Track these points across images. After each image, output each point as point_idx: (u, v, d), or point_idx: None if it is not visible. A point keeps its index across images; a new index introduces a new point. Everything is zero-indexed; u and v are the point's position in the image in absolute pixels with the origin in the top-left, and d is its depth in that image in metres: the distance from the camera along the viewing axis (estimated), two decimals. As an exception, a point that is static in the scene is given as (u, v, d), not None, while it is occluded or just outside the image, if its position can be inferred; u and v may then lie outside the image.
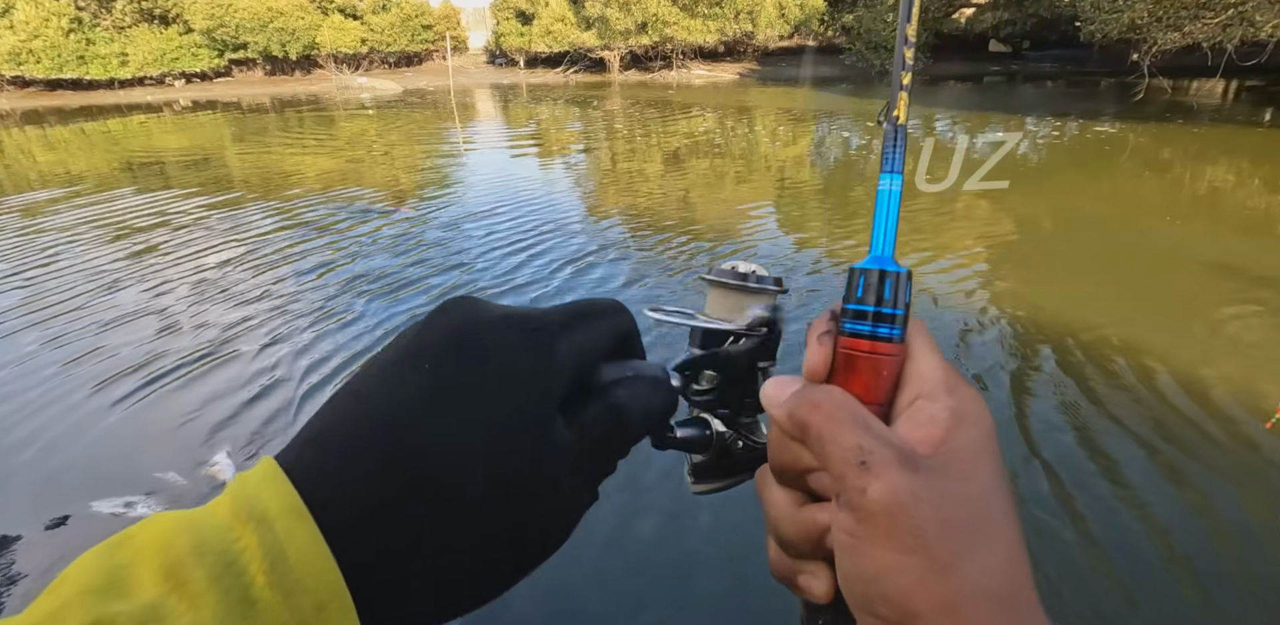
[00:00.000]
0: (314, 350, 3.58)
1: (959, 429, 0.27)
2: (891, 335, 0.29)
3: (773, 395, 0.30)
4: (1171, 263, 4.76)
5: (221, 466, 2.57)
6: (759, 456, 0.39)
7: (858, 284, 0.31)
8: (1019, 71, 22.86)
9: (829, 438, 0.27)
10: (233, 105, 19.63)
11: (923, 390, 0.28)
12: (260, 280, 4.69)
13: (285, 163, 9.74)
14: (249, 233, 5.93)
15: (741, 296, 0.41)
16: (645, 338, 0.36)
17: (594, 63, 26.67)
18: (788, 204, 6.78)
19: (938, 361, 0.29)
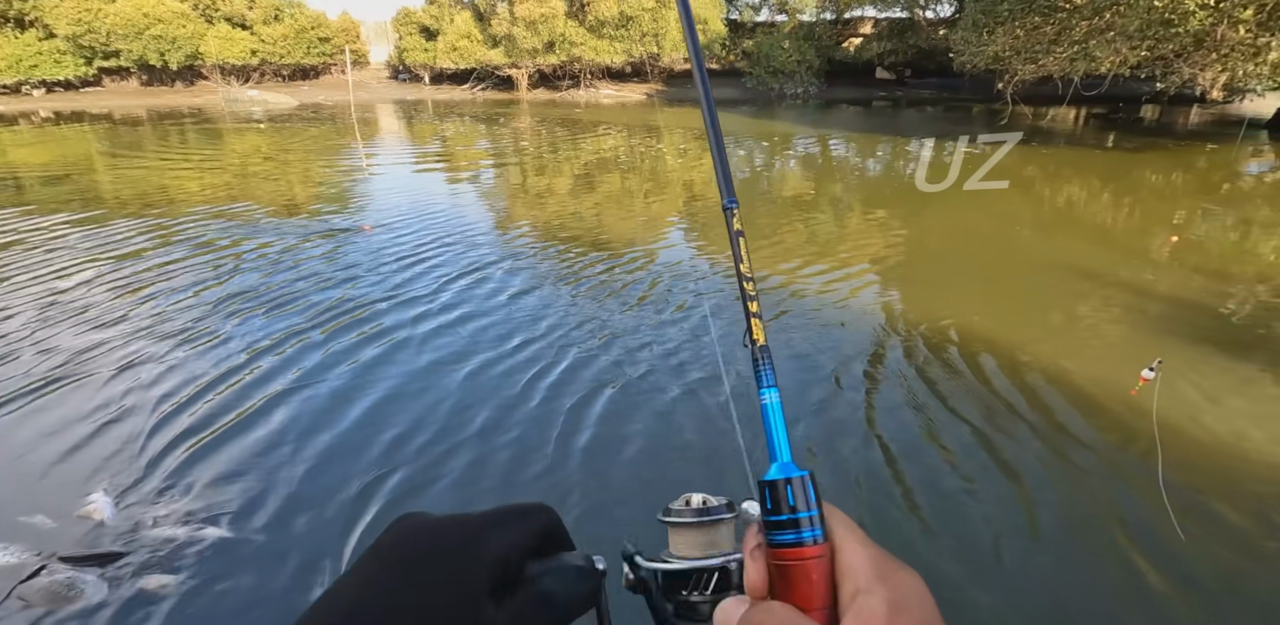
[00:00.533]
0: (185, 375, 3.33)
1: (898, 618, 0.28)
2: (815, 538, 0.31)
3: (726, 616, 0.32)
4: (1035, 267, 5.27)
5: (98, 505, 2.34)
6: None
7: (767, 497, 0.33)
8: (903, 97, 24.71)
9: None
10: (103, 117, 18.05)
11: (858, 584, 0.30)
12: (148, 301, 4.33)
13: (162, 179, 9.06)
14: (115, 252, 5.46)
15: (707, 531, 0.42)
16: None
17: (502, 80, 26.53)
18: (691, 218, 6.99)
19: (864, 551, 0.31)
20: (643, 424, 2.93)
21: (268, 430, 2.86)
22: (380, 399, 3.13)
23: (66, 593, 2.00)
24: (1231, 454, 2.70)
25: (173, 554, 2.16)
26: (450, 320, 4.07)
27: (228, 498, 2.43)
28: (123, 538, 2.23)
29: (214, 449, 2.73)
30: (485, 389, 3.23)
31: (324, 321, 4.04)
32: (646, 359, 3.53)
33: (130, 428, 2.88)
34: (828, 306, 4.33)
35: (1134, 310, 4.31)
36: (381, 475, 2.56)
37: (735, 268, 0.38)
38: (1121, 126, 15.84)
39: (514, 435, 2.83)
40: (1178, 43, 11.00)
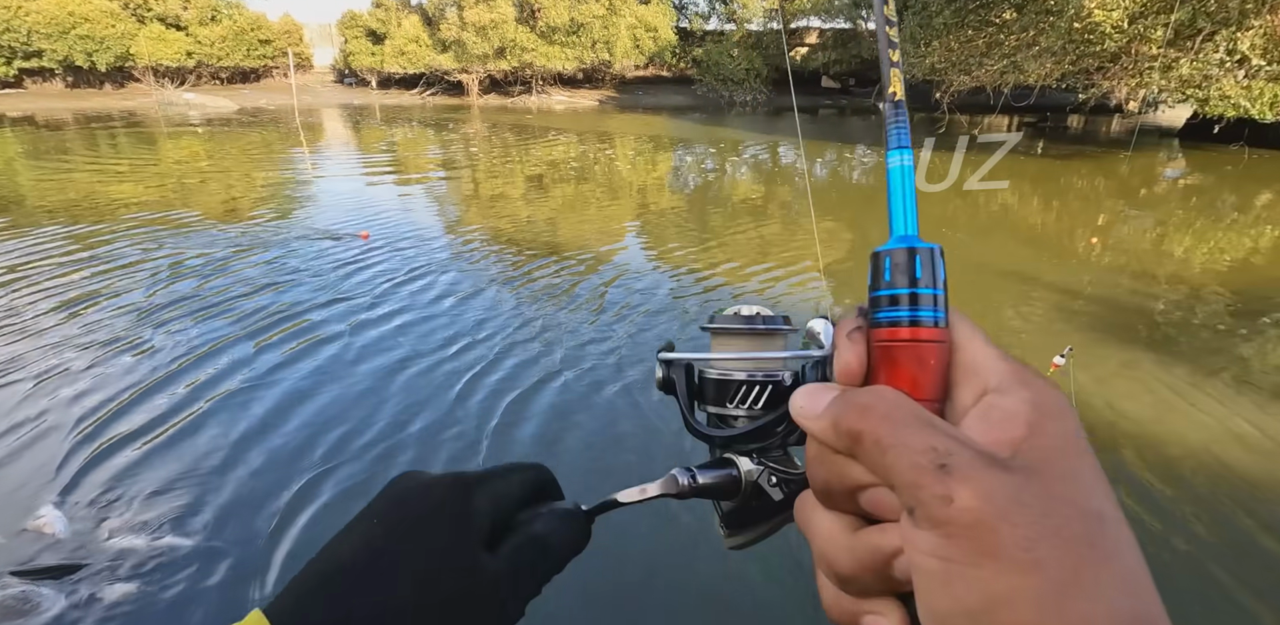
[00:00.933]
0: (127, 382, 3.26)
1: (1044, 424, 0.23)
2: (936, 318, 0.26)
3: (806, 406, 0.26)
4: (971, 270, 5.59)
5: (49, 519, 2.28)
6: (799, 489, 0.34)
7: (884, 267, 0.27)
8: (848, 105, 25.54)
9: (891, 442, 0.22)
10: (23, 120, 17.12)
11: (989, 383, 0.25)
12: (79, 311, 4.17)
13: (88, 186, 8.68)
14: (43, 260, 5.23)
15: (760, 342, 0.37)
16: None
17: (452, 85, 26.27)
18: (646, 222, 7.12)
19: (994, 349, 0.26)
20: (583, 417, 3.00)
21: (217, 435, 2.83)
22: (326, 401, 3.12)
23: (21, 606, 1.95)
24: (1139, 437, 2.96)
25: (131, 563, 2.13)
26: (391, 324, 4.07)
27: (183, 504, 2.40)
28: (78, 550, 2.18)
29: (163, 455, 2.68)
30: (427, 388, 3.25)
31: (263, 327, 3.98)
32: (589, 356, 3.61)
33: (75, 438, 2.80)
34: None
35: (1054, 306, 4.62)
36: (334, 475, 2.57)
37: (877, 9, 0.30)
38: (1050, 135, 16.78)
39: (455, 431, 2.87)
40: (1097, 58, 11.76)
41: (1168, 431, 2.95)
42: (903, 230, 0.28)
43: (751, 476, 0.37)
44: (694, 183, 10.06)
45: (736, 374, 0.37)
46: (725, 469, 0.37)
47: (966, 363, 0.25)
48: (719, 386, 0.37)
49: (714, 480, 0.37)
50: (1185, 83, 12.24)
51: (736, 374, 0.37)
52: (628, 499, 0.38)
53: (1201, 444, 2.84)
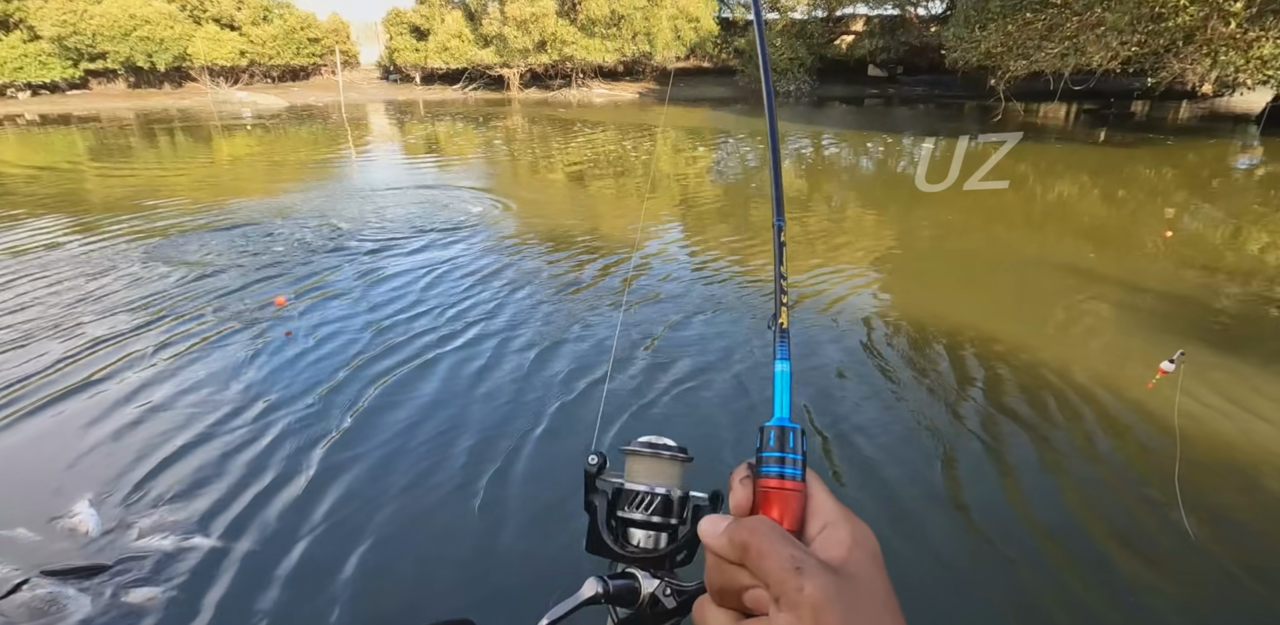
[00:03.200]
0: (167, 383, 3.28)
1: (859, 547, 0.34)
2: (796, 475, 0.38)
3: (711, 527, 0.36)
4: (1027, 266, 5.26)
5: (82, 517, 2.28)
6: (689, 599, 0.44)
7: (768, 438, 0.39)
8: (895, 94, 24.75)
9: (767, 551, 0.33)
10: (90, 120, 17.89)
11: (827, 520, 0.36)
12: (103, 316, 4.26)
13: (152, 181, 8.96)
14: (96, 257, 5.38)
15: (662, 464, 0.49)
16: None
17: (493, 80, 26.43)
18: (688, 217, 6.95)
19: (833, 499, 0.38)
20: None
21: (251, 437, 2.81)
22: (371, 407, 3.08)
23: (49, 608, 1.94)
24: (1245, 450, 2.69)
25: (159, 565, 2.11)
26: (447, 329, 4.03)
27: (213, 507, 2.38)
28: (107, 550, 2.18)
29: (198, 457, 2.68)
30: (480, 389, 3.18)
31: (306, 327, 3.98)
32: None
33: (114, 437, 2.83)
34: (823, 303, 4.30)
35: (1129, 306, 4.30)
36: (370, 482, 2.52)
37: (775, 269, 0.45)
38: (1112, 122, 15.89)
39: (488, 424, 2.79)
40: (1168, 37, 11.03)
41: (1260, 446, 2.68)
42: (781, 413, 0.40)
43: (649, 588, 0.45)
44: (736, 174, 9.83)
45: (640, 487, 0.48)
46: (629, 580, 0.45)
47: (815, 506, 0.37)
48: (628, 495, 0.49)
49: (622, 590, 0.45)
50: (1266, 63, 11.39)
51: (640, 487, 0.48)
52: (552, 617, 0.44)
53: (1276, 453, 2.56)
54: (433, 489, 2.49)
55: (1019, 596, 2.03)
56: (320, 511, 2.36)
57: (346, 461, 2.64)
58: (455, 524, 2.32)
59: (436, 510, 2.38)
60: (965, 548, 2.22)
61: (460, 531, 2.28)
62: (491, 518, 2.34)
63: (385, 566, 2.12)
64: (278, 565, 2.12)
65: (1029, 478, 2.57)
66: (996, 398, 3.15)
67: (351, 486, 2.50)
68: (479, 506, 2.40)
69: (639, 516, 0.48)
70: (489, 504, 2.41)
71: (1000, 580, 2.09)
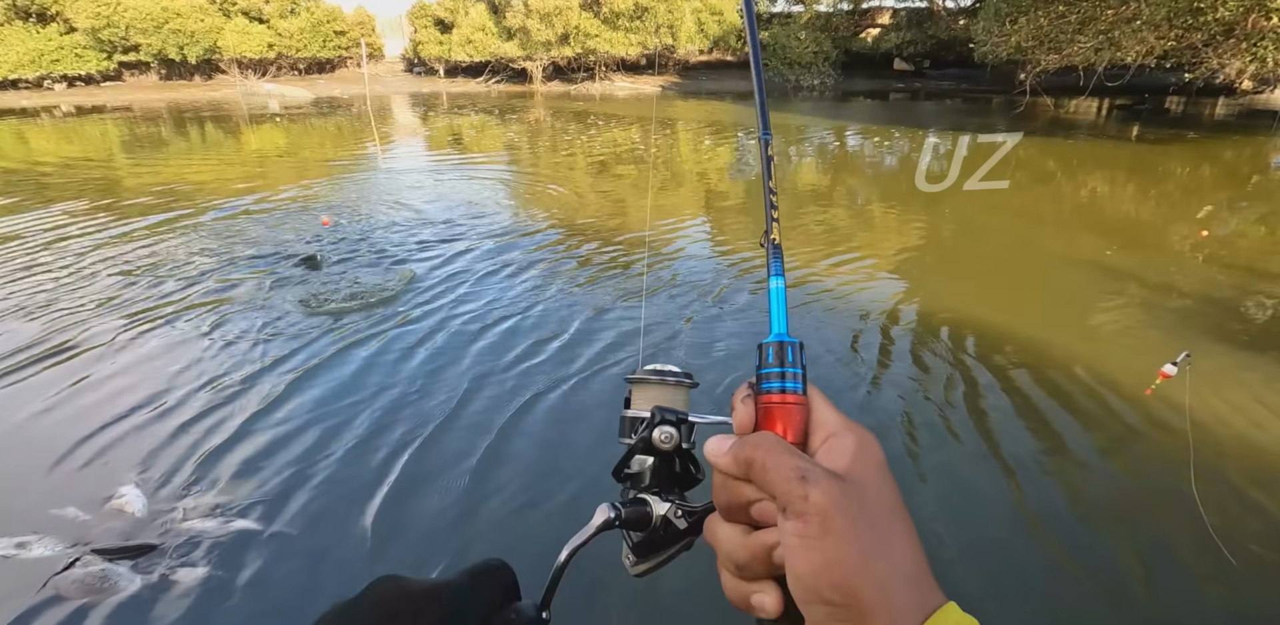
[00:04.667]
0: (209, 367, 3.37)
1: (863, 454, 0.35)
2: (797, 389, 0.38)
3: (715, 447, 0.37)
4: (1057, 265, 5.19)
5: (129, 498, 2.37)
6: (700, 519, 0.45)
7: (767, 354, 0.39)
8: (921, 89, 24.37)
9: (772, 465, 0.33)
10: (123, 111, 18.25)
11: (830, 431, 0.37)
12: (151, 293, 4.37)
13: (183, 171, 9.14)
14: (140, 243, 5.52)
15: (654, 389, 0.49)
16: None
17: (516, 73, 26.48)
18: (707, 210, 6.94)
19: (835, 410, 0.38)
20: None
21: (293, 422, 2.89)
22: (407, 389, 3.14)
23: (100, 585, 2.03)
24: (1264, 452, 2.65)
25: (203, 546, 2.19)
26: (468, 305, 4.08)
27: (255, 490, 2.45)
28: (154, 530, 2.26)
29: (241, 441, 2.76)
30: (501, 360, 3.23)
31: (344, 312, 4.06)
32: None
33: (158, 420, 2.92)
34: (847, 298, 4.29)
35: (1160, 307, 4.23)
36: (408, 466, 2.58)
37: (765, 183, 0.45)
38: (1146, 118, 15.52)
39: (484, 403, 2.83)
40: (1206, 32, 10.74)
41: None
42: (778, 329, 0.40)
43: (661, 511, 0.46)
44: (753, 169, 9.77)
45: (639, 413, 0.48)
46: (640, 505, 0.46)
47: (818, 419, 0.37)
48: (629, 423, 0.49)
49: (634, 513, 0.45)
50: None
51: (639, 413, 0.48)
52: (573, 546, 0.45)
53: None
54: (469, 462, 2.55)
55: (1045, 602, 2.03)
56: (361, 498, 2.42)
57: (380, 444, 2.71)
58: (494, 481, 2.37)
59: (479, 483, 2.43)
60: (974, 546, 2.22)
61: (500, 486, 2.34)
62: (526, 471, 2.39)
63: (429, 544, 2.18)
64: (318, 543, 2.18)
65: (1032, 476, 2.56)
66: (1020, 395, 3.13)
67: (392, 475, 2.56)
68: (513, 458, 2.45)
69: (628, 440, 0.48)
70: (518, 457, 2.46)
71: (1015, 581, 2.10)
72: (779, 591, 0.35)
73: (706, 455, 0.37)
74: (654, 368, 0.49)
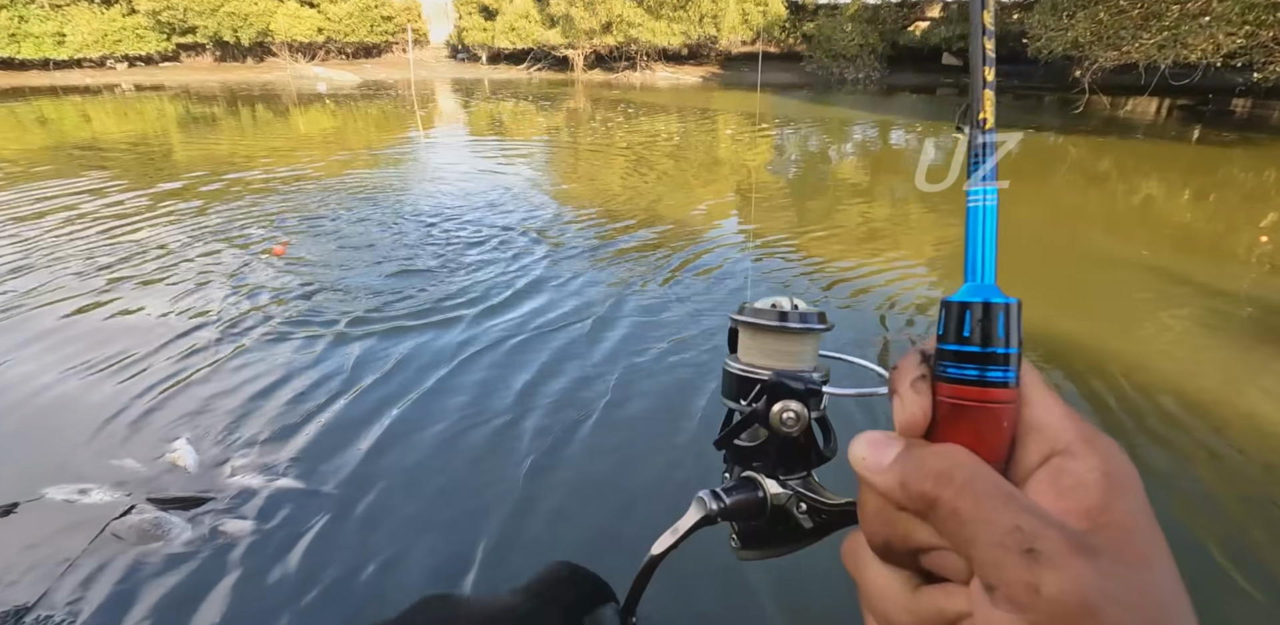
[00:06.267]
0: (266, 332, 3.49)
1: (1117, 498, 0.21)
2: (1006, 380, 0.24)
3: (871, 459, 0.25)
4: (1106, 267, 5.04)
5: (181, 452, 2.48)
6: (831, 521, 0.35)
7: (961, 320, 0.26)
8: (970, 84, 23.69)
9: (972, 517, 0.21)
10: (180, 91, 18.83)
11: (1056, 445, 0.23)
12: (206, 267, 4.54)
13: (235, 151, 9.42)
14: (196, 217, 5.72)
15: (781, 339, 0.36)
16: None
17: (558, 60, 26.54)
18: (746, 204, 6.90)
19: (1063, 408, 0.24)
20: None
21: (350, 391, 2.98)
22: (456, 363, 3.22)
23: (154, 531, 2.14)
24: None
25: (250, 501, 2.29)
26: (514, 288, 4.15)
27: (301, 452, 2.55)
28: (204, 484, 2.37)
29: (294, 404, 2.86)
30: (557, 347, 3.28)
31: (396, 287, 4.16)
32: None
33: (214, 379, 3.04)
34: (893, 295, 4.24)
35: (1215, 313, 4.08)
36: (456, 438, 2.65)
37: (974, 18, 0.30)
38: (1209, 120, 14.87)
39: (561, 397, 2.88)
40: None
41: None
42: (979, 278, 0.27)
43: (779, 500, 0.36)
44: (794, 161, 9.67)
45: (762, 373, 0.36)
46: (750, 490, 0.37)
47: (1034, 420, 0.24)
48: (740, 382, 0.36)
49: (741, 502, 0.36)
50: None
51: (762, 373, 0.36)
52: (661, 548, 0.37)
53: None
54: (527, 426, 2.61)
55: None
56: (402, 461, 2.50)
57: (429, 415, 2.79)
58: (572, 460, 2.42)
59: (551, 451, 2.49)
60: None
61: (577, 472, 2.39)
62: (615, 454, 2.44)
63: (476, 512, 2.24)
64: (359, 507, 2.26)
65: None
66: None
67: (432, 437, 2.63)
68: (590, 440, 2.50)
69: (735, 405, 0.37)
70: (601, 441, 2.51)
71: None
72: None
73: (854, 464, 0.25)
74: (772, 304, 0.37)
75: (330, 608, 1.89)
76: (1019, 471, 0.24)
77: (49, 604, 1.89)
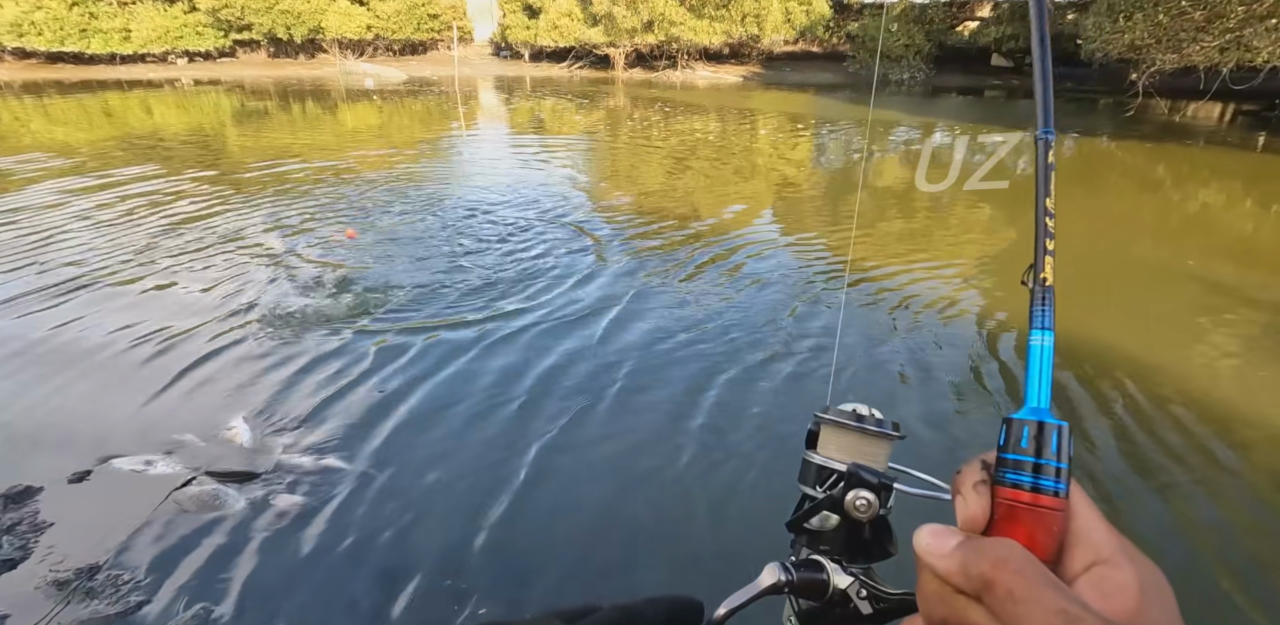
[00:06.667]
0: (307, 320, 3.65)
1: (1152, 606, 0.25)
2: (1057, 489, 0.28)
3: (934, 545, 0.28)
4: (1161, 276, 4.91)
5: (239, 430, 2.64)
6: (888, 610, 0.38)
7: (1018, 434, 0.30)
8: (1019, 86, 23.12)
9: (1024, 597, 0.24)
10: (236, 86, 19.52)
11: (1099, 554, 0.27)
12: (259, 255, 4.75)
13: (286, 144, 9.75)
14: (261, 208, 5.97)
15: (860, 439, 0.41)
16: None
17: (599, 59, 26.69)
18: (782, 203, 6.89)
19: (1106, 524, 0.28)
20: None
21: (381, 375, 3.12)
22: (487, 347, 3.33)
23: (212, 502, 2.28)
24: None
25: (300, 479, 2.42)
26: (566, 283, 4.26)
27: (343, 432, 2.68)
28: (259, 460, 2.51)
29: (338, 387, 3.01)
30: (623, 341, 3.37)
31: (435, 278, 4.30)
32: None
33: (266, 361, 3.21)
34: (918, 298, 4.22)
35: (1275, 330, 3.96)
36: (479, 418, 2.75)
37: (1038, 201, 0.36)
38: (1276, 126, 14.25)
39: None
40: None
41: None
42: (1036, 403, 0.31)
43: (841, 584, 0.39)
44: (836, 165, 9.60)
45: (823, 460, 0.42)
46: (816, 571, 0.40)
47: (1080, 531, 0.28)
48: (810, 470, 0.42)
49: (808, 579, 0.39)
50: None
51: (823, 460, 0.42)
52: (732, 605, 0.39)
53: None
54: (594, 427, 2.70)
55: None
56: (431, 439, 2.61)
57: (458, 396, 2.90)
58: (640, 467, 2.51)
59: (621, 455, 2.58)
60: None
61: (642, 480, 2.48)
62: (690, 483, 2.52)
63: (526, 504, 2.34)
64: (400, 490, 2.38)
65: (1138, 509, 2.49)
66: (1117, 421, 3.03)
67: (458, 418, 2.74)
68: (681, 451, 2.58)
69: (812, 491, 0.41)
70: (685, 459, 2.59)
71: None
72: None
73: (919, 551, 0.29)
74: (853, 408, 0.42)
75: (364, 571, 2.01)
76: (1065, 576, 0.27)
77: (118, 563, 2.05)
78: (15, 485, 2.34)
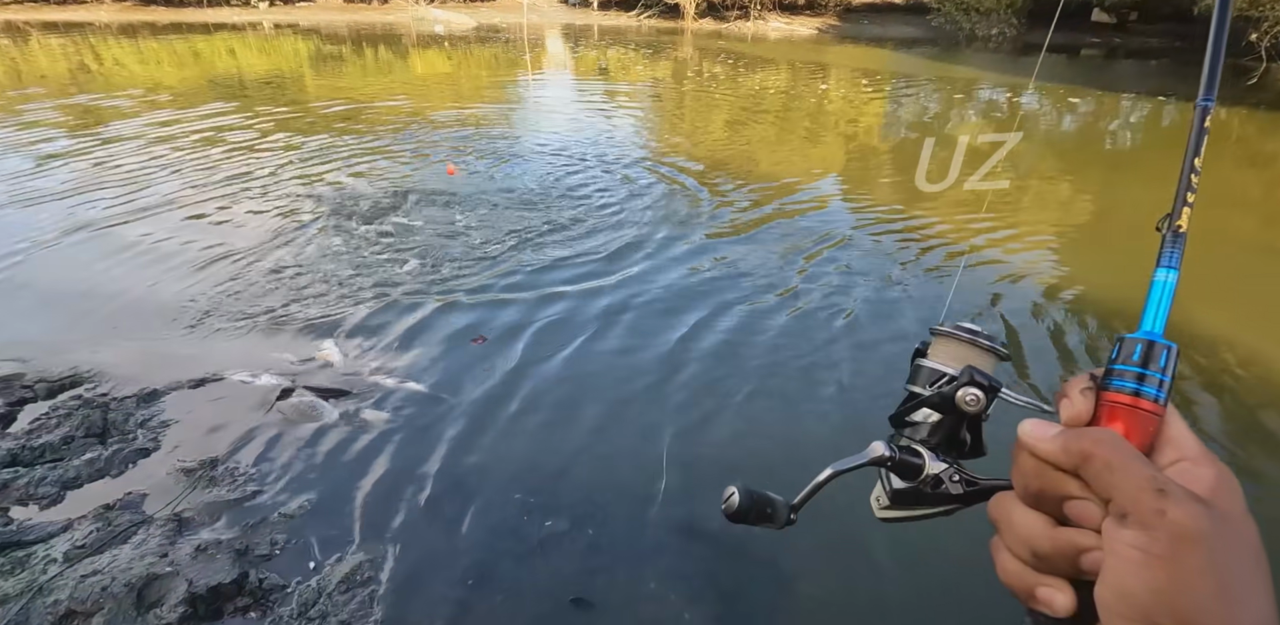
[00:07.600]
0: (406, 261, 3.89)
1: (1227, 490, 0.30)
2: (1157, 397, 0.33)
3: (1038, 430, 0.33)
4: (1262, 260, 4.65)
5: (329, 351, 2.91)
6: (977, 491, 0.43)
7: (1130, 350, 0.34)
8: (1121, 46, 21.31)
9: (1120, 465, 0.29)
10: (311, 30, 19.87)
11: (1185, 454, 0.31)
12: (370, 197, 5.00)
13: (360, 87, 10.00)
14: (367, 152, 6.24)
15: (965, 348, 0.46)
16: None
17: (668, 8, 25.83)
18: (851, 163, 6.73)
19: (1193, 435, 0.32)
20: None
21: (480, 315, 3.34)
22: (587, 300, 3.51)
23: (310, 412, 2.56)
24: None
25: (384, 397, 2.68)
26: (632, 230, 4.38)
27: (430, 365, 2.92)
28: (347, 379, 2.78)
29: (434, 321, 3.25)
30: (699, 293, 3.51)
31: (548, 210, 4.48)
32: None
33: (363, 291, 3.47)
34: (999, 270, 4.15)
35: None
36: (587, 374, 2.95)
37: (1187, 159, 0.40)
38: None
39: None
40: None
41: None
42: (1151, 327, 0.36)
43: (934, 469, 0.44)
44: (905, 125, 9.22)
45: (935, 365, 0.46)
46: (914, 455, 0.45)
47: (1171, 436, 0.32)
48: (921, 372, 0.47)
49: (907, 460, 0.44)
50: None
51: (935, 365, 0.46)
52: (839, 468, 0.46)
53: None
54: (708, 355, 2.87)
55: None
56: (519, 380, 2.82)
57: (551, 343, 3.09)
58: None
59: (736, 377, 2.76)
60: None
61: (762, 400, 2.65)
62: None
63: (609, 428, 2.54)
64: (472, 412, 2.61)
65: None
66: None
67: (555, 366, 2.94)
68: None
69: (920, 390, 0.46)
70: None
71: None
72: (1073, 592, 0.32)
73: (1023, 436, 0.34)
74: (967, 326, 0.46)
75: (441, 480, 2.25)
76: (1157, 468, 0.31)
77: (233, 459, 2.35)
78: (145, 387, 2.67)
